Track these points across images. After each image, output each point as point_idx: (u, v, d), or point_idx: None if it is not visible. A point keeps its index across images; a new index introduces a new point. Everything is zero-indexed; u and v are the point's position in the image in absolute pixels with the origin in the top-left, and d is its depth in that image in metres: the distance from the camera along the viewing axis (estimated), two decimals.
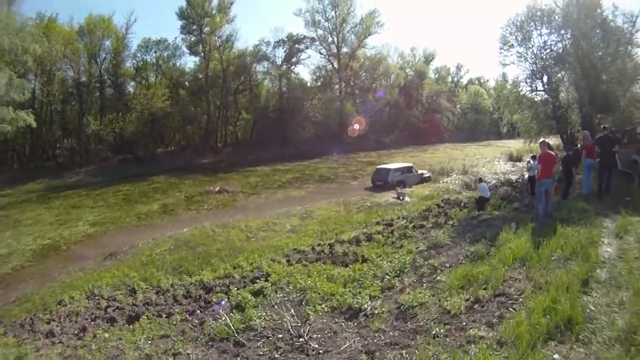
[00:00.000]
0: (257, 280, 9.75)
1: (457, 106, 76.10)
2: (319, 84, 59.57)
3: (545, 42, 24.23)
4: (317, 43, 58.85)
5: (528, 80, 24.93)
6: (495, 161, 36.28)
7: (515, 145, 44.43)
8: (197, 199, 25.27)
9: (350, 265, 10.21)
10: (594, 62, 22.51)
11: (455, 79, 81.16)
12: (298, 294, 7.89)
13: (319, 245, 13.16)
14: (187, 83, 55.04)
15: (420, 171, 27.87)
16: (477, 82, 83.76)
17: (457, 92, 78.56)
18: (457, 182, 24.14)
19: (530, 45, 24.65)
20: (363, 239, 12.97)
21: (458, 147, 53.44)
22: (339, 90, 59.48)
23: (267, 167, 37.69)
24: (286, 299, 7.70)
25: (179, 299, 10.17)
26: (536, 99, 25.49)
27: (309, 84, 59.68)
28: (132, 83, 53.85)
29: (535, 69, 24.82)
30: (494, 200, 15.74)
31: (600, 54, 22.88)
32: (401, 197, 20.13)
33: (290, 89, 55.70)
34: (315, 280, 8.45)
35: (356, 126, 50.75)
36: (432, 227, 13.11)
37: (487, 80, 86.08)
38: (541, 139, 10.32)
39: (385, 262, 9.55)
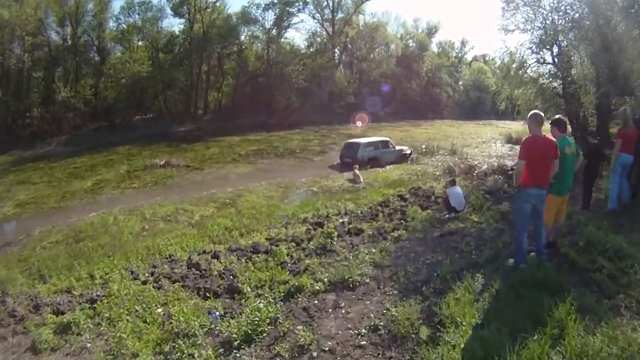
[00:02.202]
0: (96, 301, 6.84)
1: (460, 82, 70.38)
2: (312, 50, 54.01)
3: (559, 2, 18.93)
4: (311, 6, 53.30)
5: (535, 48, 19.69)
6: (492, 142, 31.36)
7: (516, 126, 39.76)
8: (137, 173, 22.27)
9: (209, 298, 6.54)
10: (617, 32, 17.33)
11: (459, 55, 74.93)
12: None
13: (203, 252, 9.09)
14: (169, 47, 49.90)
15: (399, 147, 23.38)
16: (481, 60, 77.46)
17: (460, 68, 72.65)
18: (439, 164, 19.37)
19: (541, 7, 19.36)
20: (262, 250, 8.78)
21: (455, 125, 48.55)
22: (332, 58, 53.87)
23: (238, 136, 33.89)
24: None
25: None
26: (543, 72, 20.31)
27: (301, 51, 54.01)
28: (117, 47, 49.90)
29: (544, 36, 19.57)
30: (475, 198, 11.12)
31: (626, 23, 17.65)
32: (357, 181, 15.47)
33: (279, 54, 50.26)
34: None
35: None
36: (371, 236, 8.96)
37: (492, 58, 79.67)
38: (532, 112, 5.82)
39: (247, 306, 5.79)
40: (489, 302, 4.75)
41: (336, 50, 55.76)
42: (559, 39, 19.23)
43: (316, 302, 5.40)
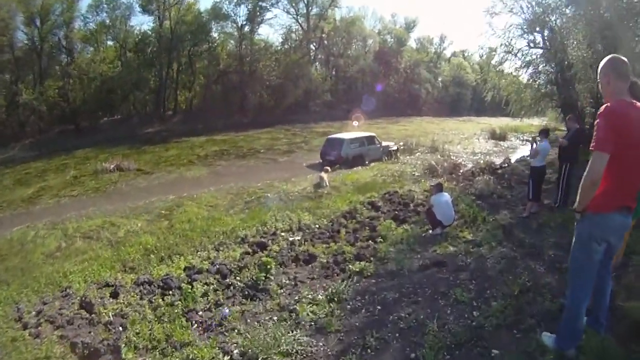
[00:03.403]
0: None
1: (439, 78, 68.13)
2: (286, 47, 51.05)
3: None
4: (285, 1, 50.22)
5: (527, 28, 17.21)
6: (475, 138, 28.95)
7: (497, 122, 37.63)
8: (83, 179, 19.56)
9: None
10: (619, 8, 15.01)
11: (438, 50, 72.38)
12: None
13: (105, 285, 6.75)
14: (140, 45, 46.25)
15: (385, 143, 20.71)
16: (461, 55, 75.44)
17: (439, 64, 70.29)
18: (419, 163, 16.71)
19: None
20: (174, 285, 6.35)
21: (435, 121, 46.27)
22: (307, 53, 51.00)
23: (204, 137, 31.02)
24: None
25: None
26: (534, 57, 17.83)
27: (276, 48, 50.97)
28: (88, 48, 46.01)
29: (535, 16, 17.10)
30: (465, 206, 8.48)
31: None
32: (322, 185, 12.73)
33: (252, 51, 47.17)
34: None
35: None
36: (325, 267, 6.42)
37: (472, 54, 77.87)
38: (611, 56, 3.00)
39: None
40: None
41: (312, 46, 52.87)
42: (552, 19, 16.79)
43: None
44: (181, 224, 10.30)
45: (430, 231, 7.48)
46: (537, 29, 17.42)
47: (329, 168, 14.37)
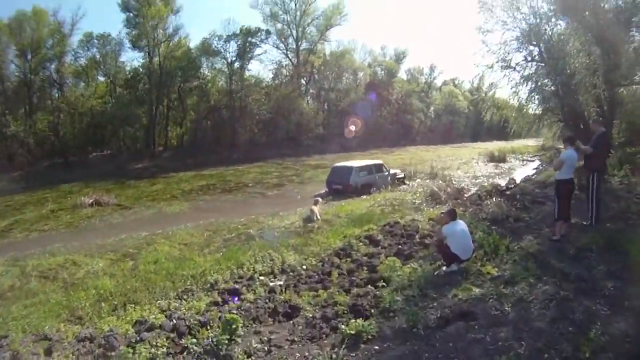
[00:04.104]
0: None
1: (431, 108, 67.64)
2: (277, 82, 50.50)
3: None
4: (274, 37, 50.04)
5: (522, 41, 16.21)
6: (474, 162, 27.65)
7: (493, 146, 36.62)
8: (59, 213, 18.27)
9: None
10: (617, 12, 14.15)
11: (429, 80, 72.10)
12: None
13: (44, 338, 5.62)
14: (132, 82, 45.49)
15: (392, 171, 19.46)
16: (451, 83, 75.36)
17: (431, 94, 69.93)
18: (419, 190, 15.22)
19: None
20: (117, 344, 4.99)
21: (430, 149, 45.20)
22: (298, 87, 50.37)
23: (193, 172, 29.64)
24: None
25: None
26: (532, 72, 16.71)
27: (266, 83, 50.38)
28: (80, 83, 45.52)
29: (529, 28, 16.15)
30: (482, 233, 6.98)
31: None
32: (312, 218, 11.20)
33: (242, 87, 46.49)
34: None
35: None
36: (310, 324, 4.95)
37: (462, 82, 77.83)
38: None
39: None
40: None
41: (303, 81, 52.34)
42: (547, 29, 15.81)
43: None
44: (146, 266, 8.88)
45: (445, 268, 5.94)
46: (534, 41, 16.39)
47: (320, 199, 12.86)
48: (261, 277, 7.00)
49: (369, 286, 5.64)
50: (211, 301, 6.11)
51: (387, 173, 18.62)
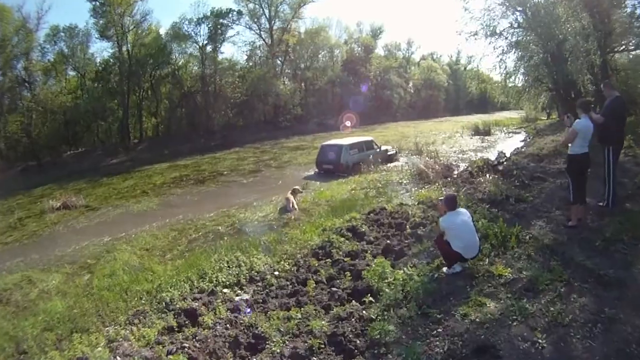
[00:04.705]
0: None
1: (410, 83, 66.26)
2: (251, 63, 48.50)
3: None
4: (247, 17, 47.60)
5: (507, 7, 15.02)
6: (458, 136, 26.61)
7: (475, 119, 35.72)
8: (27, 221, 16.56)
9: None
10: None
11: (407, 55, 70.54)
12: None
13: None
14: (104, 74, 42.81)
15: (384, 147, 18.34)
16: (430, 58, 73.92)
17: (409, 69, 68.45)
18: (405, 169, 14.06)
19: None
20: None
21: (411, 125, 44.00)
22: (273, 68, 48.45)
23: (168, 163, 27.84)
24: None
25: None
26: (519, 38, 15.54)
27: (240, 65, 48.33)
28: (51, 80, 42.49)
29: None
30: (484, 220, 5.81)
31: None
32: (289, 208, 10.01)
33: (216, 70, 44.46)
34: None
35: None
36: None
37: (441, 56, 76.52)
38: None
39: None
40: None
41: (278, 61, 50.38)
42: None
43: None
44: (101, 280, 7.70)
45: (446, 269, 4.80)
46: (519, 7, 15.17)
47: (298, 188, 11.60)
48: (225, 290, 5.79)
49: (353, 302, 4.46)
50: (165, 326, 4.90)
51: (378, 150, 17.56)
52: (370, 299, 4.38)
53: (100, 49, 58.95)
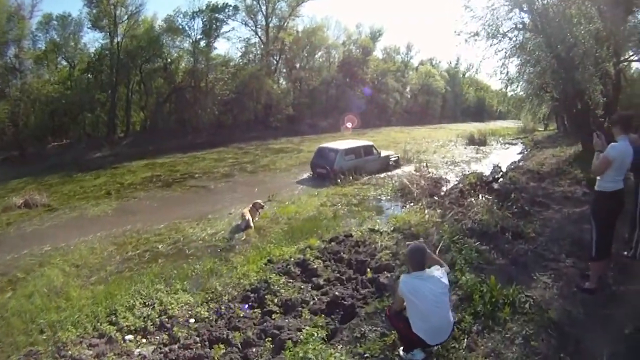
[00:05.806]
0: None
1: (407, 88, 64.79)
2: (245, 61, 46.88)
3: None
4: (243, 13, 46.08)
5: (511, 7, 13.46)
6: (451, 145, 25.04)
7: (471, 128, 34.33)
8: None
9: None
10: None
11: (405, 59, 68.82)
12: None
13: None
14: (95, 65, 41.32)
15: (385, 153, 17.12)
16: (428, 63, 72.40)
17: (407, 73, 66.92)
18: (387, 182, 12.44)
19: None
20: None
21: (405, 130, 42.49)
22: (266, 66, 46.84)
23: (146, 160, 26.34)
24: None
25: None
26: (524, 41, 13.95)
27: (234, 62, 46.70)
28: (42, 69, 41.07)
29: None
30: (468, 274, 4.12)
31: None
32: (242, 226, 8.45)
33: (208, 66, 42.88)
34: None
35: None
36: None
37: (439, 62, 75.00)
38: None
39: None
40: None
41: (273, 59, 48.80)
42: None
43: None
44: (18, 301, 6.40)
45: (403, 353, 3.18)
46: (525, 7, 13.57)
47: (260, 202, 9.96)
48: (128, 337, 4.36)
49: None
50: None
51: (378, 156, 16.26)
52: None
53: (92, 39, 57.62)
